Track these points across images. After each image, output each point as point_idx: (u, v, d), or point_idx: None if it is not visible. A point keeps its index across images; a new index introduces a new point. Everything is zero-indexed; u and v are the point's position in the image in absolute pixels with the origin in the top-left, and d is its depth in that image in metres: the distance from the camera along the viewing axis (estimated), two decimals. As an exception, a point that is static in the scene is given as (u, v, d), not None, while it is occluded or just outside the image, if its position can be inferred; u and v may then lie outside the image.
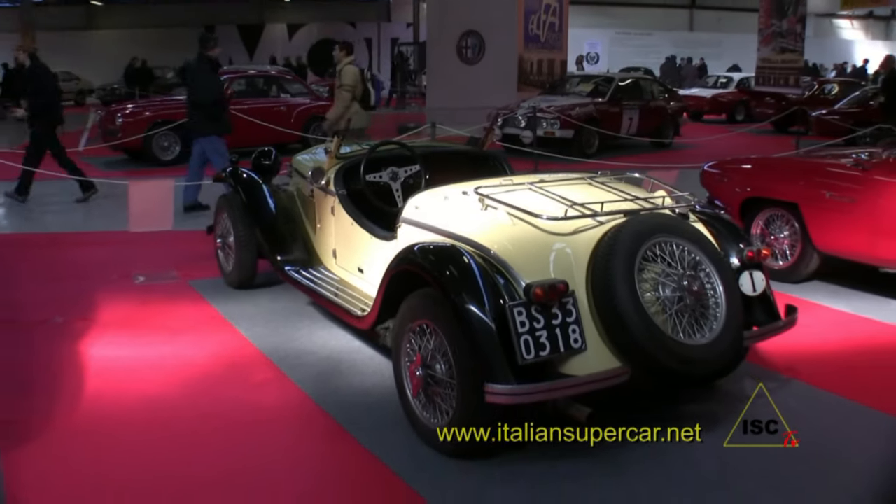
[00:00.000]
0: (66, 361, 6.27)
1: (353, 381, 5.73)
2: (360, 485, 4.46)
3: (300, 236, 7.13)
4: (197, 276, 8.23)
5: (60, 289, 8.12)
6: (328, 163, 6.77)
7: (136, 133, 15.74)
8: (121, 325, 7.03)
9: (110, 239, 10.15)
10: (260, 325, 6.82)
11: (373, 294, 5.58)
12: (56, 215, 12.27)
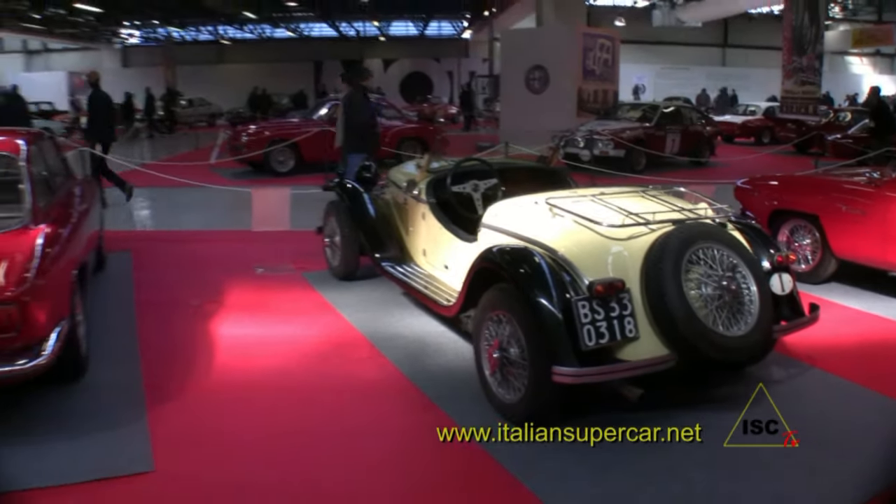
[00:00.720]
0: (202, 337, 6.36)
1: (438, 360, 5.70)
2: (442, 446, 4.41)
3: (395, 237, 7.12)
4: (308, 268, 8.25)
5: (196, 277, 8.22)
6: (420, 176, 6.76)
7: (257, 149, 15.89)
8: (245, 308, 7.10)
9: (236, 237, 10.25)
10: (360, 311, 6.82)
11: (457, 287, 5.59)
12: (191, 215, 12.43)
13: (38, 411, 5.00)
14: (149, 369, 5.65)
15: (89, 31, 46.63)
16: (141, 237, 10.53)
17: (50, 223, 5.42)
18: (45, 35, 45.63)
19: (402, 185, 6.97)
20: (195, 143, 24.38)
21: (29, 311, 4.49)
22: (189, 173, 13.84)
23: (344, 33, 48.54)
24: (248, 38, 49.66)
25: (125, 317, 6.91)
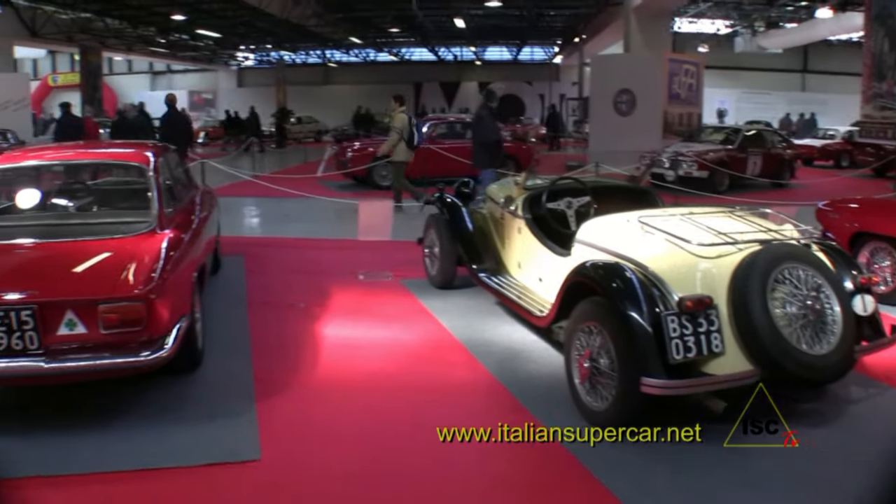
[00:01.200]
0: (308, 336, 6.45)
1: (529, 368, 5.65)
2: (531, 446, 4.40)
3: (491, 249, 7.10)
4: (407, 276, 8.28)
5: (304, 280, 8.33)
6: (517, 192, 6.74)
7: (362, 164, 16.05)
8: (348, 311, 7.17)
9: (341, 244, 10.35)
10: (456, 318, 6.81)
11: (550, 299, 5.55)
12: (300, 224, 12.61)
13: (158, 399, 5.16)
14: (259, 364, 5.77)
15: (208, 55, 47.84)
16: (253, 243, 10.71)
17: (174, 228, 5.60)
18: (169, 58, 47.02)
19: (500, 201, 6.96)
20: (304, 158, 24.76)
21: (154, 308, 4.62)
22: (298, 185, 14.07)
23: (442, 57, 48.78)
24: (353, 61, 50.27)
25: (238, 315, 7.06)
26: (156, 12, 32.25)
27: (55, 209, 6.44)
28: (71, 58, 48.28)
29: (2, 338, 4.50)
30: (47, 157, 6.81)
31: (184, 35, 38.74)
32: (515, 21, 35.62)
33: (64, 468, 4.28)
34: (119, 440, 4.58)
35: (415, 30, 38.13)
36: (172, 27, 35.26)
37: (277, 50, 45.75)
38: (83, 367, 4.58)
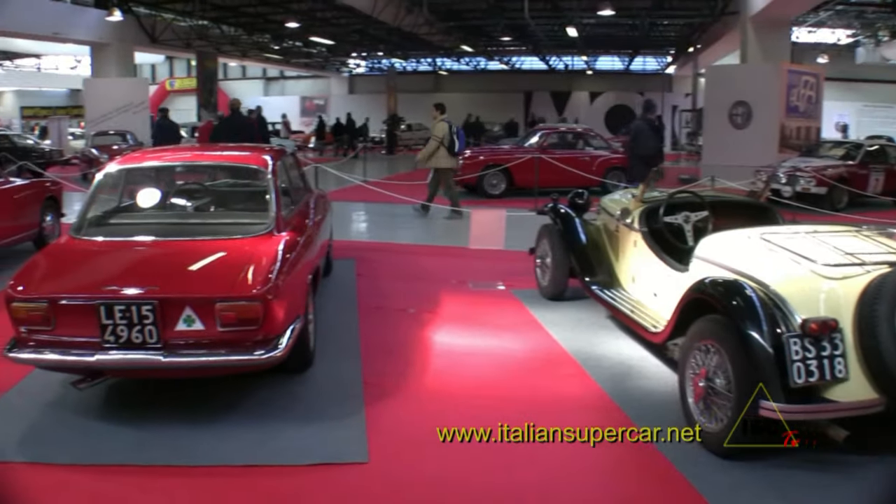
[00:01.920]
0: (417, 342, 6.51)
1: (640, 384, 5.56)
2: (639, 465, 4.35)
3: (604, 262, 7.03)
4: (518, 286, 8.25)
5: (414, 286, 8.41)
6: (633, 205, 6.65)
7: (472, 172, 16.14)
8: (459, 319, 7.20)
9: (451, 252, 10.41)
10: (567, 331, 6.75)
11: (664, 314, 5.45)
12: (410, 230, 12.73)
13: (270, 397, 5.29)
14: (368, 367, 5.85)
15: (321, 61, 48.66)
16: (364, 247, 10.87)
17: (290, 231, 5.73)
18: (283, 64, 47.97)
19: (615, 213, 6.88)
20: (413, 165, 24.98)
21: (270, 309, 4.74)
22: (408, 191, 14.20)
23: (553, 66, 48.54)
24: (464, 69, 50.40)
25: (349, 318, 7.18)
26: (271, 20, 33.03)
27: (174, 209, 6.69)
28: (188, 63, 49.90)
29: (123, 331, 4.70)
30: (167, 158, 7.04)
31: (297, 42, 39.50)
32: (628, 30, 35.22)
33: (177, 459, 4.45)
34: (230, 436, 4.72)
35: (526, 38, 37.99)
36: (286, 34, 35.98)
37: (389, 57, 46.28)
38: (199, 362, 4.74)
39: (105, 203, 6.46)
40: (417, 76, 51.40)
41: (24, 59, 49.38)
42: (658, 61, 47.90)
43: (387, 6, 26.69)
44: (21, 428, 4.97)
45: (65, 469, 4.42)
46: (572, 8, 25.74)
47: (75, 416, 5.12)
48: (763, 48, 21.81)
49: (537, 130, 18.43)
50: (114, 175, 6.39)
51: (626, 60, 47.83)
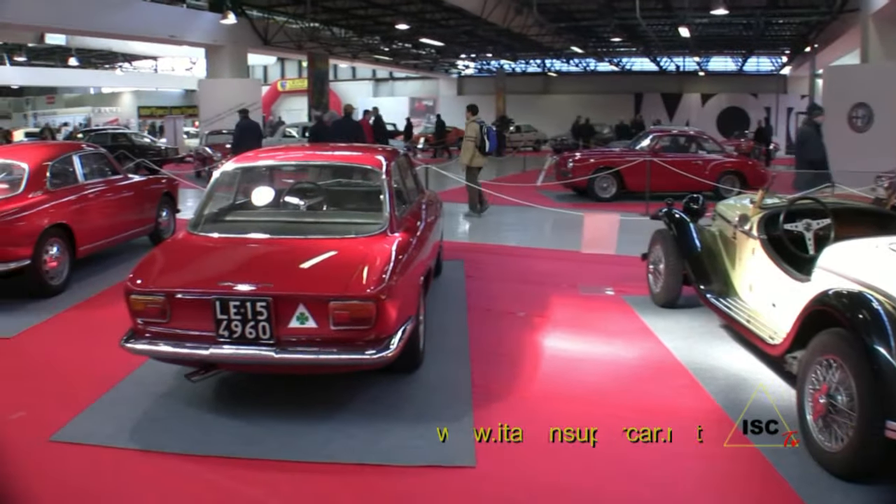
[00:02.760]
0: (527, 346, 6.46)
1: (756, 397, 5.33)
2: (753, 482, 4.19)
3: (720, 269, 6.83)
4: (629, 292, 8.11)
5: (523, 289, 8.37)
6: (752, 211, 6.41)
7: (583, 175, 15.98)
8: (568, 324, 7.12)
9: (561, 255, 10.32)
10: (679, 339, 6.58)
11: (783, 326, 5.24)
12: (519, 232, 12.68)
13: (378, 396, 5.33)
14: (477, 370, 5.83)
15: (430, 63, 48.94)
16: (473, 248, 10.88)
17: (403, 231, 5.76)
18: (392, 65, 48.48)
19: (733, 220, 6.67)
20: (522, 167, 24.95)
21: (384, 309, 4.77)
22: (517, 193, 14.16)
23: (664, 68, 47.69)
24: (573, 70, 49.90)
25: (458, 320, 7.18)
26: (381, 22, 33.42)
27: (287, 207, 6.79)
28: (299, 65, 51.01)
29: (237, 326, 4.80)
30: (281, 157, 7.18)
31: (407, 44, 39.86)
32: (741, 29, 34.30)
33: (286, 454, 4.52)
34: (339, 433, 4.77)
35: (637, 39, 37.45)
36: (396, 36, 36.35)
37: (498, 59, 46.22)
38: (311, 360, 4.81)
39: (221, 200, 6.63)
40: (526, 77, 51.22)
41: (141, 61, 51.32)
42: (773, 62, 46.48)
43: (496, 7, 26.68)
44: (134, 416, 5.16)
45: (176, 458, 4.56)
46: (684, 7, 25.16)
47: (187, 406, 5.28)
48: (885, 47, 20.91)
49: (649, 133, 18.11)
50: (230, 173, 6.58)
51: (739, 61, 46.55)
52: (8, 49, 43.59)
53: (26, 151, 9.71)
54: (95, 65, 50.39)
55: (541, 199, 15.63)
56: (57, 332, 7.32)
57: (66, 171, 9.30)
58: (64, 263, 8.71)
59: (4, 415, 5.28)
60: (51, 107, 56.38)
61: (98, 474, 4.46)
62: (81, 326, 7.51)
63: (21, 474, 4.47)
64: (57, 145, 10.81)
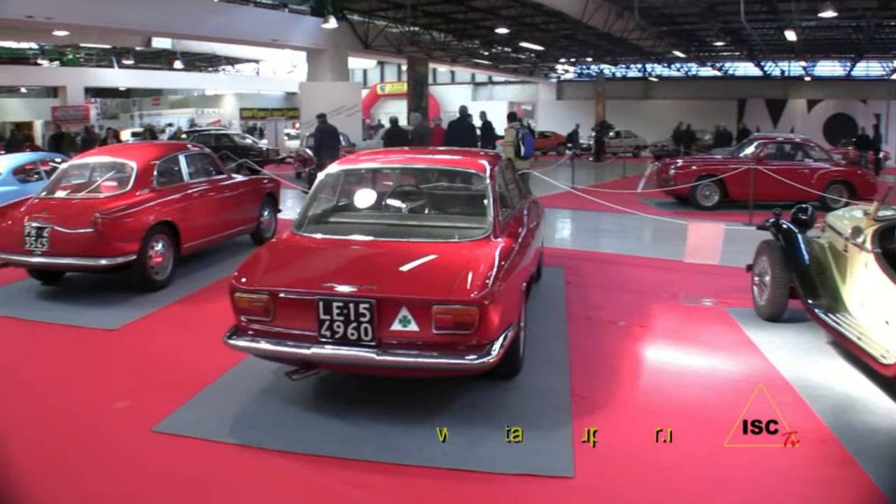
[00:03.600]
0: (627, 356, 6.38)
1: (865, 418, 5.14)
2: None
3: (829, 283, 6.57)
4: (732, 304, 7.88)
5: (624, 298, 8.26)
6: (866, 223, 6.14)
7: (685, 182, 15.69)
8: (669, 335, 7.00)
9: (662, 264, 10.12)
10: (784, 355, 6.36)
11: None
12: (619, 239, 12.52)
13: (476, 402, 5.32)
14: (576, 379, 5.77)
15: (529, 67, 48.84)
16: (572, 255, 10.76)
17: (507, 237, 5.73)
18: (491, 69, 48.62)
19: (844, 232, 6.43)
20: (622, 172, 24.67)
21: (486, 314, 4.74)
22: (617, 199, 14.00)
23: (768, 73, 46.50)
24: (674, 75, 49.06)
25: (557, 327, 7.12)
26: (481, 26, 33.49)
27: (389, 210, 6.81)
28: (398, 68, 51.50)
29: (339, 327, 4.86)
30: (385, 160, 7.21)
31: (506, 48, 39.87)
32: (850, 32, 33.20)
33: (383, 456, 4.56)
34: (436, 437, 4.77)
35: (740, 43, 36.61)
36: (495, 40, 36.38)
37: (598, 63, 45.80)
38: (411, 363, 4.81)
39: (324, 202, 6.71)
40: (626, 82, 50.61)
41: (244, 64, 52.64)
42: (883, 66, 44.80)
43: (597, 11, 26.48)
44: (234, 411, 5.29)
45: (275, 454, 4.65)
46: (790, 10, 24.47)
47: (286, 404, 5.38)
48: None
49: (754, 140, 17.64)
50: (334, 175, 6.68)
51: (847, 65, 45.07)
52: (116, 53, 45.54)
53: (135, 151, 10.10)
54: (199, 68, 52.06)
55: (641, 206, 15.38)
56: (160, 325, 7.59)
57: (172, 170, 9.62)
58: (168, 259, 9.03)
59: (109, 404, 5.51)
60: (156, 108, 58.24)
61: (197, 467, 4.58)
62: (184, 321, 7.76)
63: (123, 462, 4.64)
64: (164, 145, 11.17)
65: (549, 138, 41.82)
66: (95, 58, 46.62)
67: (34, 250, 8.32)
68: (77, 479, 4.50)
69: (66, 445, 4.94)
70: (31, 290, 9.05)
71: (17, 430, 5.19)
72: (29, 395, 5.86)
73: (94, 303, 8.39)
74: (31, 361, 6.68)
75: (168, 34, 30.57)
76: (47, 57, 45.35)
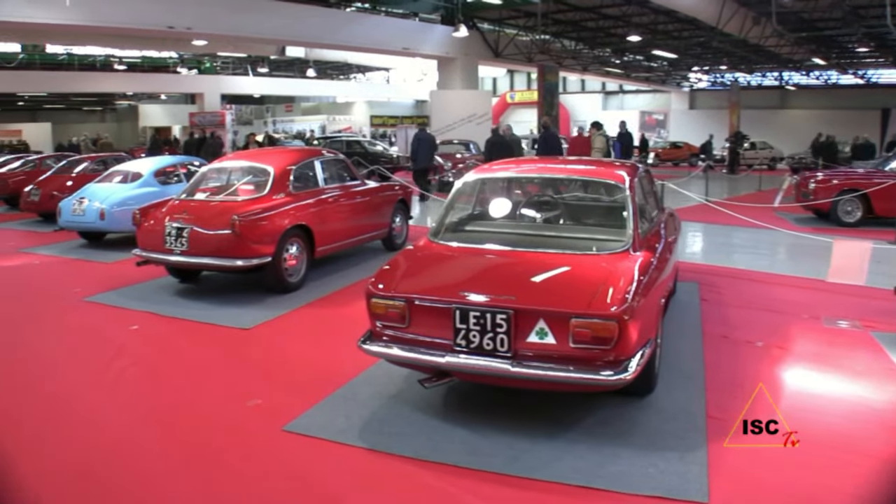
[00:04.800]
0: (766, 379, 6.11)
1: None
2: None
3: None
4: (879, 328, 7.48)
5: (762, 317, 7.99)
6: None
7: (826, 197, 15.10)
8: (810, 358, 6.70)
9: (801, 283, 9.71)
10: (936, 383, 5.99)
11: None
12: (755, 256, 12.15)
13: (608, 419, 5.24)
14: (712, 400, 5.60)
15: (661, 75, 48.17)
16: (707, 270, 10.49)
17: (646, 250, 5.62)
18: (623, 78, 48.16)
19: None
20: (757, 185, 23.99)
21: (626, 330, 4.66)
22: (752, 213, 13.57)
23: (916, 80, 44.51)
24: (813, 84, 47.40)
25: (692, 345, 6.95)
26: (612, 34, 33.29)
27: (525, 220, 6.79)
28: (527, 76, 51.55)
29: (475, 336, 4.86)
30: (521, 170, 7.20)
31: (638, 56, 39.40)
32: None
33: (513, 469, 4.53)
34: (567, 453, 4.73)
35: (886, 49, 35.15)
36: (627, 48, 36.02)
37: (732, 71, 44.76)
38: (546, 376, 4.77)
39: (460, 210, 6.74)
40: (762, 91, 49.28)
41: (374, 72, 53.72)
42: None
43: (732, 17, 25.87)
44: (364, 415, 5.38)
45: (402, 460, 4.70)
46: (944, 12, 23.33)
47: (414, 411, 5.43)
48: None
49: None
50: (470, 184, 6.71)
51: None
52: (251, 61, 47.36)
53: (272, 156, 10.44)
54: (331, 75, 53.37)
55: (778, 220, 14.88)
56: (292, 326, 7.82)
57: (307, 175, 9.93)
58: (302, 262, 9.32)
59: (242, 401, 5.70)
60: (288, 114, 59.92)
61: (326, 468, 4.68)
62: (315, 323, 7.97)
63: (255, 459, 4.78)
64: (300, 151, 11.51)
65: (681, 149, 41.01)
66: (231, 66, 48.64)
67: (174, 249, 8.78)
68: (210, 472, 4.70)
69: (198, 438, 5.17)
70: (168, 287, 9.54)
71: (153, 421, 5.48)
72: (165, 388, 6.18)
73: (228, 302, 8.76)
74: (168, 355, 7.06)
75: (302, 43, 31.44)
76: (186, 65, 47.59)
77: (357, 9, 28.50)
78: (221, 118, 40.94)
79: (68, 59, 42.21)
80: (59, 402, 5.93)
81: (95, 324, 8.17)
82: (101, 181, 13.91)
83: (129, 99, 57.95)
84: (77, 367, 6.77)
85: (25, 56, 40.31)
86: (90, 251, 12.80)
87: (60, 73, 42.35)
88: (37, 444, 5.12)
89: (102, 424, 5.48)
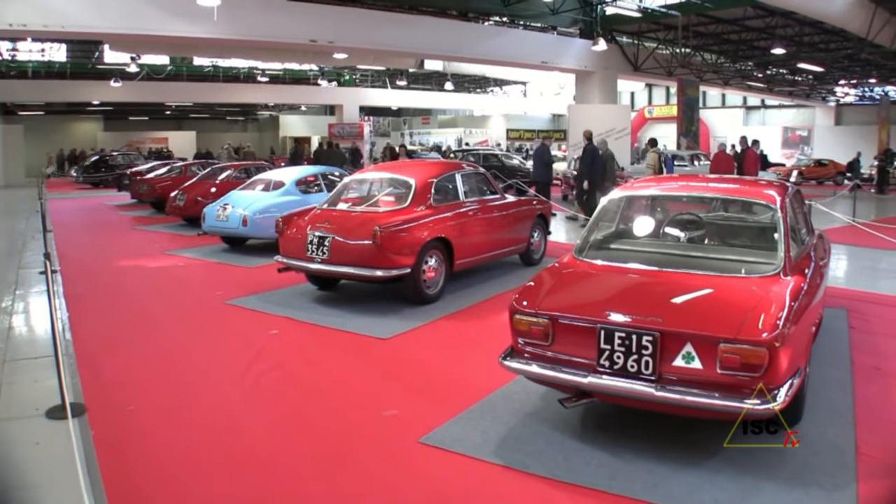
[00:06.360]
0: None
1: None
2: None
3: None
4: None
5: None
6: None
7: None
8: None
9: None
10: None
11: None
12: None
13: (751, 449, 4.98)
14: (862, 435, 5.29)
15: (806, 90, 46.55)
16: (854, 296, 10.00)
17: (797, 274, 5.40)
18: (765, 93, 46.79)
19: None
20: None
21: (776, 357, 4.49)
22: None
23: None
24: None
25: (840, 375, 6.61)
26: (755, 46, 32.42)
27: (668, 239, 6.66)
28: (666, 91, 50.67)
29: (619, 357, 4.78)
30: (666, 188, 7.06)
31: (782, 69, 38.24)
32: None
33: (652, 496, 4.43)
34: (707, 483, 4.59)
35: None
36: (771, 61, 35.01)
37: (882, 85, 42.88)
38: (691, 402, 4.64)
39: (604, 228, 6.69)
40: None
41: (511, 85, 53.82)
42: None
43: (884, 28, 24.85)
44: (500, 431, 5.36)
45: (537, 480, 4.65)
46: None
47: (552, 430, 5.38)
48: None
49: None
50: (616, 201, 6.65)
51: None
52: (389, 74, 48.28)
53: (413, 168, 10.60)
54: (468, 89, 53.79)
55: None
56: (429, 338, 7.88)
57: (448, 188, 10.03)
58: (440, 275, 9.40)
59: (378, 410, 5.77)
60: (425, 126, 60.71)
61: (461, 483, 4.68)
62: (452, 336, 8.02)
63: (392, 469, 4.83)
64: (441, 164, 11.62)
65: (826, 167, 39.42)
66: (370, 79, 49.70)
67: (315, 257, 9.02)
68: (342, 477, 4.78)
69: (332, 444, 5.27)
70: (307, 293, 9.79)
71: (290, 424, 5.63)
72: (302, 392, 6.34)
73: (366, 311, 8.91)
74: (306, 360, 7.25)
75: (441, 56, 31.88)
76: (326, 78, 49.01)
77: (496, 23, 28.68)
78: (360, 129, 41.89)
79: (213, 70, 44.42)
80: (205, 399, 6.21)
81: (236, 326, 8.49)
82: (244, 188, 14.46)
83: (270, 109, 60.10)
84: (220, 368, 7.06)
85: (174, 68, 42.57)
86: (232, 255, 13.31)
87: (206, 84, 44.64)
88: (185, 440, 5.35)
89: (242, 423, 5.68)
